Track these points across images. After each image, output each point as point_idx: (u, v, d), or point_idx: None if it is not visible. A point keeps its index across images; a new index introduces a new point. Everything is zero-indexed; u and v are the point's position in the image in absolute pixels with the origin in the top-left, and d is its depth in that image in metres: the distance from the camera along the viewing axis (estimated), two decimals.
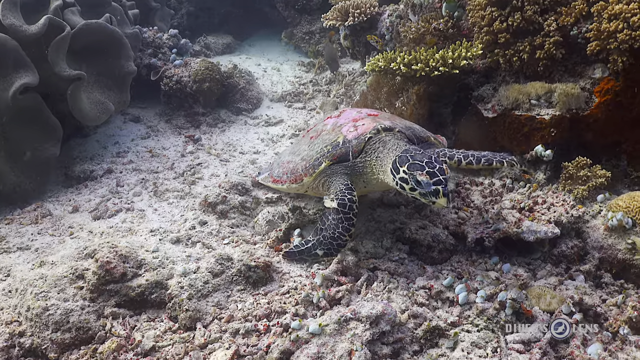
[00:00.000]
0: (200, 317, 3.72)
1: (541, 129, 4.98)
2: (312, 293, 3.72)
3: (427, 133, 4.61)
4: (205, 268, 3.99)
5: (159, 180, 5.68)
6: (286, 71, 9.38)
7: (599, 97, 4.89)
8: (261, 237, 4.68)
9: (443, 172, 3.60)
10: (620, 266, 4.27)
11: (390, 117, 4.68)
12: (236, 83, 7.67)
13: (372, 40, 6.94)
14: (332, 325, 3.30)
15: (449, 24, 5.71)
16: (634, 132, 4.92)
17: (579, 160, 4.82)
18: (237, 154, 6.42)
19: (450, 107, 5.85)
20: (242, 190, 5.11)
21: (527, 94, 5.00)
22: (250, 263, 4.00)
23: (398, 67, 5.27)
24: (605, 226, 4.37)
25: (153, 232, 4.68)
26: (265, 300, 3.82)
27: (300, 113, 7.70)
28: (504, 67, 5.29)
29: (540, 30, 5.01)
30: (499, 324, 3.50)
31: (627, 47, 4.53)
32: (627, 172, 5.09)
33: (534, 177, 5.11)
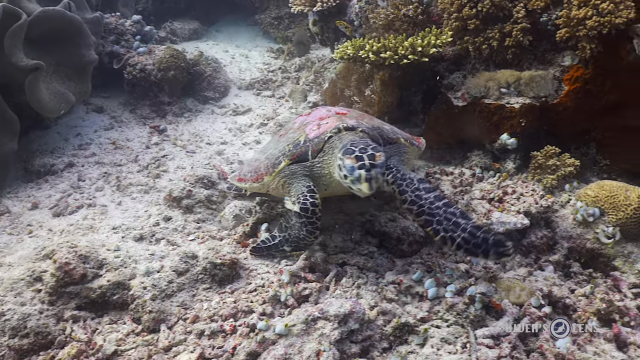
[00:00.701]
0: (164, 318, 3.60)
1: (511, 118, 4.94)
2: (280, 291, 3.63)
3: (398, 134, 4.28)
4: (170, 267, 3.86)
5: (122, 174, 5.50)
6: (255, 58, 9.19)
7: (568, 85, 4.86)
8: (228, 232, 4.57)
9: (373, 158, 3.39)
10: (589, 255, 4.28)
11: (360, 115, 4.42)
12: (203, 71, 7.48)
13: (341, 26, 6.80)
14: (299, 325, 3.22)
15: (418, 10, 5.61)
16: (603, 120, 4.91)
17: (547, 149, 4.79)
18: (203, 145, 6.26)
19: (420, 95, 5.78)
20: (208, 184, 4.98)
21: (496, 82, 4.94)
22: (216, 260, 3.89)
23: (367, 55, 5.16)
24: (574, 216, 4.36)
25: (115, 229, 4.53)
26: (232, 299, 3.71)
27: (269, 101, 7.55)
28: (473, 54, 5.23)
29: (510, 17, 4.94)
30: (468, 319, 3.45)
31: (595, 33, 4.49)
32: (596, 160, 5.09)
33: (503, 166, 5.08)
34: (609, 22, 4.38)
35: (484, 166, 5.23)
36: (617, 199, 4.30)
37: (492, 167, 5.18)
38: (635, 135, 4.85)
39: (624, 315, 3.52)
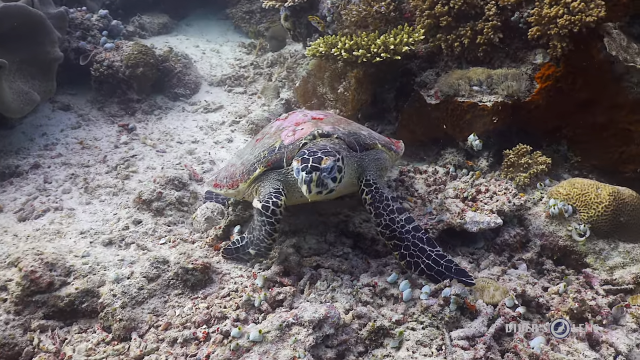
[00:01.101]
0: (135, 326, 3.52)
1: (483, 116, 4.95)
2: (254, 296, 3.57)
3: (376, 139, 4.19)
4: (140, 273, 3.77)
5: (90, 176, 5.35)
6: (226, 53, 9.05)
7: (540, 83, 4.88)
8: (200, 235, 4.49)
9: (318, 161, 3.35)
10: (562, 252, 4.32)
11: (337, 120, 4.33)
12: (172, 67, 7.33)
13: (313, 21, 6.72)
14: (273, 332, 3.17)
15: (390, 7, 5.56)
16: (574, 117, 4.95)
17: (519, 147, 4.81)
18: (174, 144, 6.14)
19: (394, 93, 5.75)
20: (179, 185, 4.88)
21: (469, 80, 4.94)
22: (187, 265, 3.81)
23: (339, 53, 5.10)
24: (547, 213, 4.40)
25: (83, 233, 4.40)
26: (205, 305, 3.65)
27: (241, 98, 7.45)
28: (446, 52, 5.22)
29: (482, 15, 4.94)
30: (443, 320, 3.44)
31: (567, 32, 4.52)
32: (567, 157, 5.15)
33: (477, 164, 5.09)
34: (579, 21, 4.40)
35: (457, 164, 5.23)
36: (589, 196, 4.34)
37: (466, 165, 5.19)
38: (605, 133, 4.91)
39: (597, 314, 3.55)
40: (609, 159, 4.98)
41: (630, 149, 4.88)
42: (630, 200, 4.34)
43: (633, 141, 4.85)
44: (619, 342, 3.34)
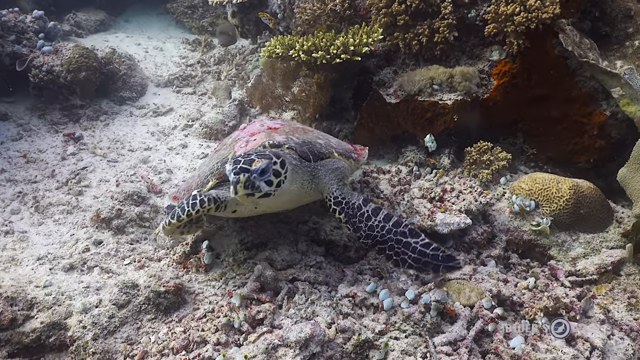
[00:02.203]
0: (109, 358, 3.35)
1: (444, 114, 4.99)
2: (233, 317, 3.45)
3: (332, 148, 4.12)
4: (109, 300, 3.59)
5: (39, 193, 5.03)
6: (170, 50, 8.73)
7: (497, 80, 4.96)
8: (165, 252, 4.31)
9: (249, 163, 3.24)
10: (526, 246, 4.44)
11: (292, 130, 4.23)
12: (116, 69, 7.00)
13: (264, 18, 6.57)
14: (259, 356, 3.09)
15: (345, 5, 5.49)
16: (529, 111, 5.08)
17: (481, 144, 4.89)
18: (126, 152, 5.86)
19: (351, 92, 5.72)
20: (138, 200, 4.67)
21: (429, 79, 4.95)
22: (159, 289, 3.65)
23: (298, 55, 5.00)
24: (511, 209, 4.49)
25: (41, 259, 4.13)
26: (181, 329, 3.51)
27: (190, 99, 7.21)
28: (404, 50, 5.21)
29: (439, 12, 4.94)
30: (425, 327, 3.46)
31: (524, 29, 4.59)
32: (524, 150, 5.29)
33: (438, 161, 5.14)
34: (536, 18, 4.49)
35: (419, 162, 5.27)
36: (550, 191, 4.47)
37: (428, 162, 5.24)
38: (559, 125, 5.06)
39: (570, 310, 3.66)
40: (563, 150, 5.14)
41: (583, 140, 5.05)
42: (589, 192, 4.50)
43: (585, 133, 5.02)
44: (594, 336, 3.45)
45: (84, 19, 9.14)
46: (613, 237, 4.42)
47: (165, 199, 4.80)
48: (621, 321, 3.73)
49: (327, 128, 5.81)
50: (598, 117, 4.95)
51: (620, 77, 4.71)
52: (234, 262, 4.02)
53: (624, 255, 4.20)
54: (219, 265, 4.09)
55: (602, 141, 4.98)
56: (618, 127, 4.93)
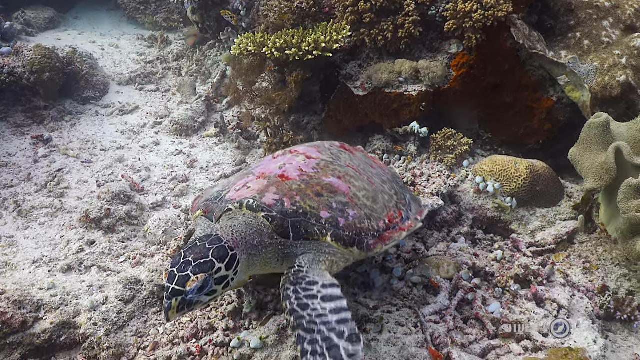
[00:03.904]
0: (123, 351, 3.53)
1: (410, 105, 5.36)
2: (243, 304, 3.70)
3: (326, 230, 3.18)
4: (115, 296, 3.76)
5: (19, 197, 5.05)
6: (126, 47, 8.70)
7: (456, 71, 5.36)
8: (157, 248, 4.48)
9: (182, 283, 2.77)
10: (490, 222, 4.89)
11: (310, 186, 3.36)
12: (79, 69, 6.98)
13: (226, 15, 6.72)
14: (272, 337, 3.36)
15: (310, 3, 5.75)
16: (484, 99, 5.52)
17: (445, 131, 5.30)
18: (98, 152, 5.92)
19: (318, 85, 5.99)
20: (125, 199, 4.80)
21: (395, 72, 5.30)
22: (162, 282, 3.84)
23: (270, 53, 5.23)
24: (475, 189, 4.92)
25: (36, 262, 4.22)
26: (187, 318, 3.72)
27: (155, 96, 7.28)
28: (369, 45, 5.53)
29: (401, 10, 5.29)
30: (414, 300, 3.83)
31: (481, 25, 5.00)
32: (480, 134, 5.74)
33: (405, 149, 5.51)
34: (492, 16, 4.90)
35: (386, 149, 5.62)
36: (509, 171, 4.92)
37: (395, 150, 5.60)
38: (511, 111, 5.52)
39: (537, 276, 4.12)
40: (515, 133, 5.62)
41: (533, 124, 5.54)
42: (543, 171, 4.99)
43: (535, 117, 5.51)
44: (560, 298, 3.93)
45: (33, 17, 8.96)
46: (565, 210, 4.92)
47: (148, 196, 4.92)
48: (579, 283, 4.23)
49: (295, 121, 6.08)
50: (546, 102, 5.44)
51: (566, 66, 5.22)
52: None
53: (577, 225, 4.70)
54: None
55: (550, 124, 5.48)
56: (564, 111, 5.44)
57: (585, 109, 5.21)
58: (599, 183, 4.37)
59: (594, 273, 4.35)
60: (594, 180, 4.43)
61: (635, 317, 3.97)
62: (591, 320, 3.88)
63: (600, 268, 4.38)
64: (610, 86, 5.28)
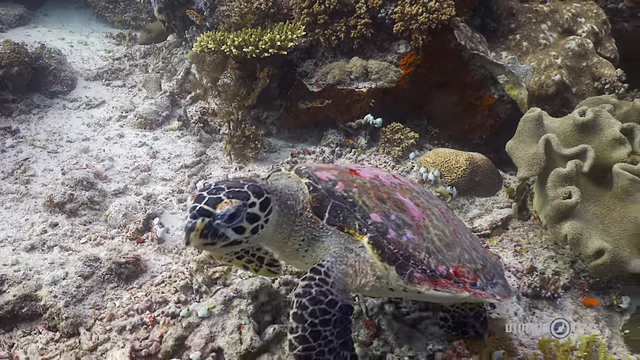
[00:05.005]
0: (81, 321, 3.79)
1: (360, 100, 5.71)
2: (193, 280, 3.99)
3: (360, 223, 2.70)
4: (75, 272, 4.02)
5: None
6: (95, 45, 8.92)
7: (404, 70, 5.73)
8: (117, 231, 4.75)
9: (212, 203, 2.43)
10: None
11: (369, 188, 2.90)
12: (47, 64, 7.20)
13: (191, 15, 7.00)
14: (219, 307, 3.66)
15: (269, 4, 6.07)
16: (431, 96, 5.90)
17: (393, 125, 5.65)
18: (64, 143, 6.16)
19: (277, 81, 6.31)
20: (88, 185, 5.06)
21: (348, 71, 5.65)
22: (119, 260, 4.12)
23: (229, 50, 5.53)
24: (419, 179, 5.28)
25: (1, 242, 4.46)
26: (143, 293, 4.00)
27: (121, 91, 7.52)
28: (324, 44, 5.87)
29: (353, 12, 5.64)
30: None
31: (426, 27, 5.37)
32: (428, 129, 6.11)
33: (356, 142, 5.86)
34: (436, 19, 5.28)
35: (339, 143, 5.96)
36: (450, 163, 5.29)
37: (347, 143, 5.94)
38: (456, 108, 5.91)
39: None
40: (460, 129, 6.01)
41: (476, 120, 5.94)
42: (482, 163, 5.37)
43: (478, 114, 5.91)
44: None
45: (3, 14, 9.12)
46: (502, 199, 5.31)
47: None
48: (509, 264, 4.60)
49: (255, 115, 6.39)
50: (488, 100, 5.84)
51: (504, 67, 5.62)
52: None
53: (511, 212, 5.09)
54: (170, 239, 4.61)
55: (492, 120, 5.89)
56: (504, 108, 5.84)
57: (522, 105, 5.61)
58: (529, 172, 4.76)
59: (523, 255, 4.73)
60: (526, 170, 4.82)
61: (558, 294, 4.35)
62: (517, 297, 4.25)
63: (530, 251, 4.77)
64: (546, 84, 5.70)
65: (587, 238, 4.19)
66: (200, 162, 5.81)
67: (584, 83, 5.85)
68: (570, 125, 4.91)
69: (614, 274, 4.38)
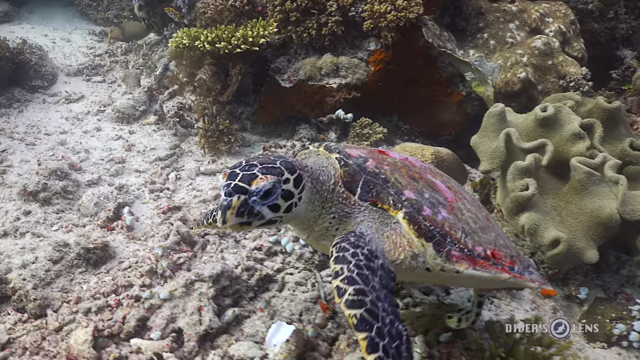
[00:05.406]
0: (48, 303, 3.91)
1: (331, 96, 5.86)
2: (157, 264, 4.12)
3: (394, 199, 2.56)
4: (44, 257, 4.15)
5: None
6: (77, 41, 9.05)
7: (374, 66, 5.89)
8: (89, 219, 4.88)
9: (247, 180, 2.33)
10: None
11: (400, 167, 2.78)
12: (28, 59, 7.32)
13: (169, 12, 7.15)
14: (180, 289, 3.79)
15: (244, 1, 6.21)
16: (402, 93, 6.06)
17: (362, 120, 5.81)
18: (42, 136, 6.28)
19: (251, 78, 6.45)
20: (62, 175, 5.18)
21: (319, 68, 5.81)
22: (88, 245, 4.24)
23: (203, 45, 5.67)
24: None
25: None
26: (110, 277, 4.13)
27: (101, 87, 7.65)
28: (296, 41, 6.02)
29: (325, 10, 5.79)
30: (314, 264, 4.30)
31: (394, 25, 5.54)
32: (398, 125, 6.27)
33: (327, 137, 6.01)
34: (404, 17, 5.44)
35: (310, 137, 6.11)
36: (416, 156, 5.44)
37: (318, 138, 6.09)
38: (426, 105, 6.08)
39: None
40: (430, 125, 6.18)
41: (445, 117, 6.11)
42: (447, 157, 5.52)
43: (447, 110, 6.08)
44: None
45: None
46: None
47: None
48: None
49: (230, 111, 6.52)
50: (456, 96, 6.02)
51: (471, 64, 5.79)
52: (152, 224, 4.68)
53: None
54: (139, 227, 4.74)
55: (460, 117, 6.06)
56: (473, 105, 6.02)
57: (489, 102, 5.78)
58: (491, 165, 4.92)
59: None
60: (487, 163, 4.98)
61: None
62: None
63: None
64: (512, 82, 5.88)
65: (544, 229, 4.35)
66: (174, 154, 5.95)
67: (549, 81, 6.03)
68: (533, 121, 5.08)
69: (571, 264, 4.54)
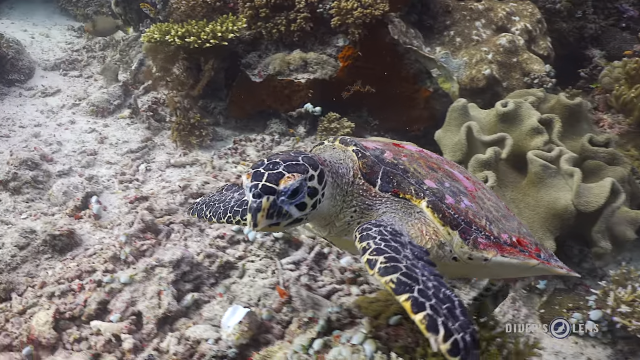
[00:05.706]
0: (13, 287, 4.01)
1: (299, 91, 5.99)
2: (120, 250, 4.23)
3: (415, 188, 2.47)
4: (10, 243, 4.26)
5: None
6: (56, 37, 9.13)
7: (342, 62, 6.02)
8: (59, 208, 4.98)
9: (275, 179, 2.19)
10: None
11: (417, 158, 2.67)
12: (5, 53, 7.40)
13: (145, 8, 7.26)
14: (140, 274, 3.90)
15: None
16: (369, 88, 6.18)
17: (330, 115, 5.94)
18: (17, 129, 6.36)
19: (223, 73, 6.57)
20: (32, 165, 5.27)
21: (288, 63, 5.94)
22: (54, 232, 4.35)
23: (173, 40, 5.78)
24: None
25: None
26: (74, 263, 4.23)
27: (77, 81, 7.75)
28: (266, 37, 6.15)
29: (293, 7, 5.92)
30: (275, 252, 4.42)
31: (361, 22, 5.67)
32: (368, 121, 6.40)
33: (297, 131, 6.14)
34: (370, 14, 5.58)
35: (281, 132, 6.24)
36: None
37: (288, 132, 6.22)
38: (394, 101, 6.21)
39: None
40: (399, 121, 6.31)
41: (415, 112, 6.24)
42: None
43: (416, 106, 6.21)
44: None
45: None
46: None
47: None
48: None
49: (203, 105, 6.64)
50: (424, 93, 6.16)
51: (436, 61, 5.94)
52: (120, 213, 4.79)
53: None
54: (107, 216, 4.85)
55: (428, 112, 6.20)
56: (441, 101, 6.15)
57: (454, 98, 5.92)
58: (452, 158, 5.07)
59: None
60: (449, 156, 5.13)
61: None
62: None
63: None
64: (477, 78, 6.04)
65: None
66: (146, 147, 6.05)
67: (514, 78, 6.20)
68: (494, 116, 5.24)
69: None
